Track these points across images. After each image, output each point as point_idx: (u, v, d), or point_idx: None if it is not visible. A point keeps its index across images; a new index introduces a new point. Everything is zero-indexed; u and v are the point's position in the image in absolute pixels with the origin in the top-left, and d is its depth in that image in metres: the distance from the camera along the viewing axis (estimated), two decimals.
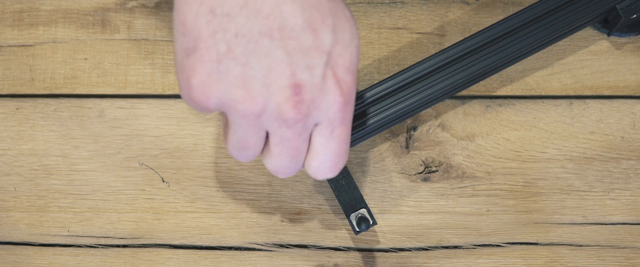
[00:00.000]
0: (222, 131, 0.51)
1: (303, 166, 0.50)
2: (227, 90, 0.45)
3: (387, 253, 0.58)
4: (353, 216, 0.55)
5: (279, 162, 0.49)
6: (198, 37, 0.44)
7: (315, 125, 0.47)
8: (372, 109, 0.56)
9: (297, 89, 0.45)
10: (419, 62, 0.57)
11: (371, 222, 0.55)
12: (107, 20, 0.62)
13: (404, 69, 0.56)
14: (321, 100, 0.46)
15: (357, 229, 0.55)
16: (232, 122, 0.47)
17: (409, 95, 0.56)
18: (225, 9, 0.44)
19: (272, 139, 0.47)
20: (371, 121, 0.56)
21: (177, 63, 0.46)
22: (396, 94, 0.56)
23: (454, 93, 0.58)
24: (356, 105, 0.55)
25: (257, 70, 0.45)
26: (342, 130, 0.48)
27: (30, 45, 0.62)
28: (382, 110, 0.56)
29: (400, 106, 0.56)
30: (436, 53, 0.57)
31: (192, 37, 0.45)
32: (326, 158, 0.49)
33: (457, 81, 0.56)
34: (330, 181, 0.56)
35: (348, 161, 0.59)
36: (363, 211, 0.55)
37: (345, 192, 0.56)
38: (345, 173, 0.56)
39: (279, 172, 0.50)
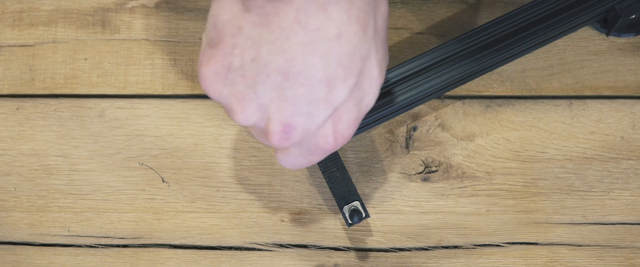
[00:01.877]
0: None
1: None
2: (226, 96, 0.46)
3: (387, 253, 0.58)
4: (346, 209, 0.55)
5: (253, 134, 0.50)
6: (221, 39, 0.45)
7: None
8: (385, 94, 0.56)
9: (288, 128, 0.45)
10: (415, 57, 0.57)
11: (364, 215, 0.55)
12: (107, 20, 0.62)
13: (403, 62, 0.57)
14: (309, 140, 0.47)
15: (350, 222, 0.55)
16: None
17: (409, 87, 0.56)
18: (253, 34, 0.44)
19: (252, 130, 0.48)
20: (382, 108, 0.56)
21: (203, 42, 0.47)
22: (399, 84, 0.56)
23: (452, 88, 0.59)
24: None
25: (260, 96, 0.45)
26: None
27: (30, 45, 0.62)
28: (387, 99, 0.56)
29: (401, 97, 0.56)
30: (434, 47, 0.57)
31: (218, 35, 0.45)
32: (294, 163, 0.50)
33: (454, 76, 0.57)
34: (324, 173, 0.56)
35: (348, 161, 0.59)
36: (356, 203, 0.55)
37: (339, 184, 0.56)
38: (339, 166, 0.56)
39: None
